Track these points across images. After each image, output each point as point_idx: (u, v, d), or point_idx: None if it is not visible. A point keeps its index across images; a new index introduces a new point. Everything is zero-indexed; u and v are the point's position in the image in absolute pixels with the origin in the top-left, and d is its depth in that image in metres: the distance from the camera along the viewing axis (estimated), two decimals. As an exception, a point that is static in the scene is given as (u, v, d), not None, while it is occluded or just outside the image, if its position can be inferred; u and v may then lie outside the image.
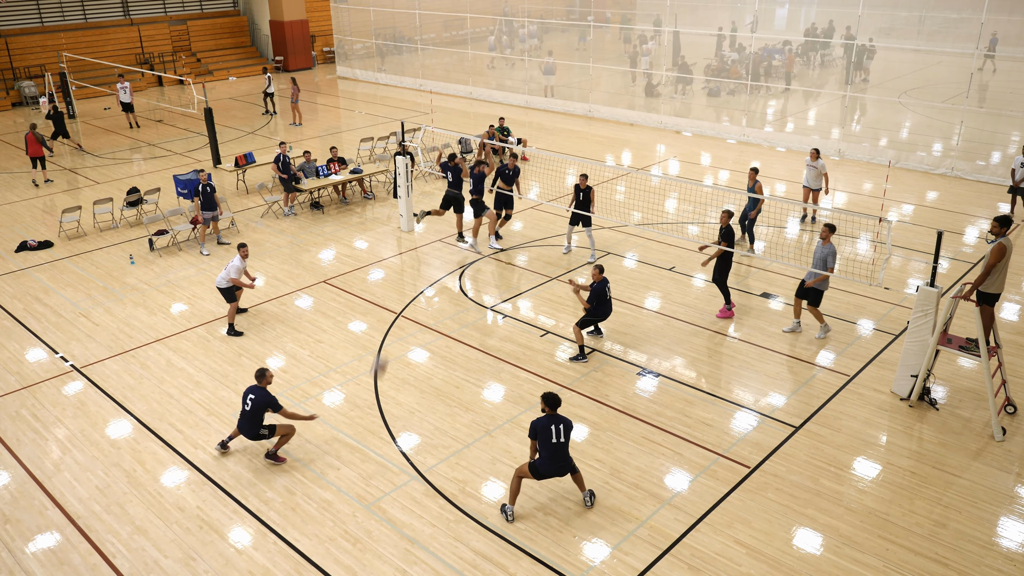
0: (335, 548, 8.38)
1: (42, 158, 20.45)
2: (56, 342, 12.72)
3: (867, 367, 11.61)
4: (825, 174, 16.56)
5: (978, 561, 8.10)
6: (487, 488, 9.23)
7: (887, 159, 21.45)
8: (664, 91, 29.41)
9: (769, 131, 24.78)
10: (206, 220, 16.06)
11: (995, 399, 10.04)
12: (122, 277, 15.09)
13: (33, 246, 16.42)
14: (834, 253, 11.84)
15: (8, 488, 9.40)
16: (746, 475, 9.39)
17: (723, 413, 10.59)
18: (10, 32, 31.23)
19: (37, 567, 8.23)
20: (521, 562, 8.16)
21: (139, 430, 10.44)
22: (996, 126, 24.19)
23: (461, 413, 10.67)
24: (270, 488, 9.29)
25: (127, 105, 26.69)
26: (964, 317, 12.55)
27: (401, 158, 16.47)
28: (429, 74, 33.95)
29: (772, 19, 38.18)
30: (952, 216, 17.58)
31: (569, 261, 15.39)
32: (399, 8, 34.60)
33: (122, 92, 26.51)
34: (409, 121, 24.90)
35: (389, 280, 14.94)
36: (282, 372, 11.73)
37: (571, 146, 23.31)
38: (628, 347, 12.27)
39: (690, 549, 8.30)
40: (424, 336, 12.68)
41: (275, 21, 36.67)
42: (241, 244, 12.73)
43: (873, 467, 9.51)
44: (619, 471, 9.47)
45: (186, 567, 8.17)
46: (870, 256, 15.50)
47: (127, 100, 26.58)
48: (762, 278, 14.49)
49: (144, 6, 34.94)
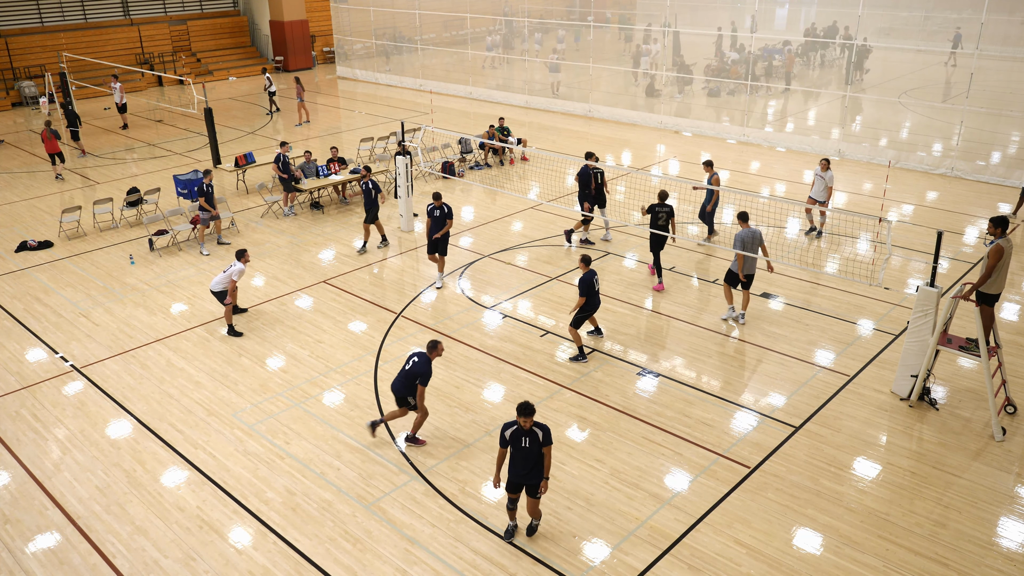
0: (335, 548, 8.38)
1: (60, 153, 20.90)
2: (56, 342, 12.72)
3: (867, 367, 11.61)
4: (831, 187, 15.93)
5: (978, 561, 8.10)
6: (487, 488, 9.22)
7: (887, 159, 21.46)
8: (664, 91, 29.41)
9: (769, 131, 24.78)
10: (204, 220, 16.06)
11: (995, 399, 10.04)
12: (122, 277, 15.09)
13: (33, 246, 16.43)
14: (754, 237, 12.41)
15: (8, 488, 9.40)
16: (746, 475, 9.39)
17: (723, 413, 10.59)
18: (10, 32, 31.23)
19: (37, 567, 8.23)
20: (521, 562, 8.16)
21: (139, 430, 10.44)
22: (996, 126, 24.19)
23: (461, 413, 10.67)
24: (270, 488, 9.29)
25: (119, 106, 26.72)
26: (964, 317, 12.55)
27: (401, 158, 16.48)
28: (429, 74, 33.95)
29: (772, 19, 38.17)
30: (952, 216, 17.58)
31: (573, 260, 15.39)
32: (399, 8, 34.61)
33: (116, 93, 26.58)
34: (409, 121, 24.90)
35: (389, 280, 14.94)
36: (282, 372, 11.73)
37: (571, 146, 23.31)
38: (628, 347, 12.27)
39: (690, 549, 8.30)
40: (424, 336, 12.68)
41: (275, 21, 36.67)
42: (242, 251, 12.68)
43: (873, 467, 9.51)
44: (619, 471, 9.47)
45: (186, 567, 8.17)
46: (870, 256, 15.50)
47: (119, 101, 26.61)
48: (762, 278, 14.49)
49: (144, 6, 34.94)
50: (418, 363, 9.47)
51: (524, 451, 7.91)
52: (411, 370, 9.50)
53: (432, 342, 9.53)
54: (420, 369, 9.44)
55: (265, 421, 10.56)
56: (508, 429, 7.93)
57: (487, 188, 19.79)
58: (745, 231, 12.35)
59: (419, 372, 9.44)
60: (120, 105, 26.70)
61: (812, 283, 14.32)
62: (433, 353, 9.51)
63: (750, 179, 20.54)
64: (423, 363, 9.45)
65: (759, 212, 17.62)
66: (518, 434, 7.89)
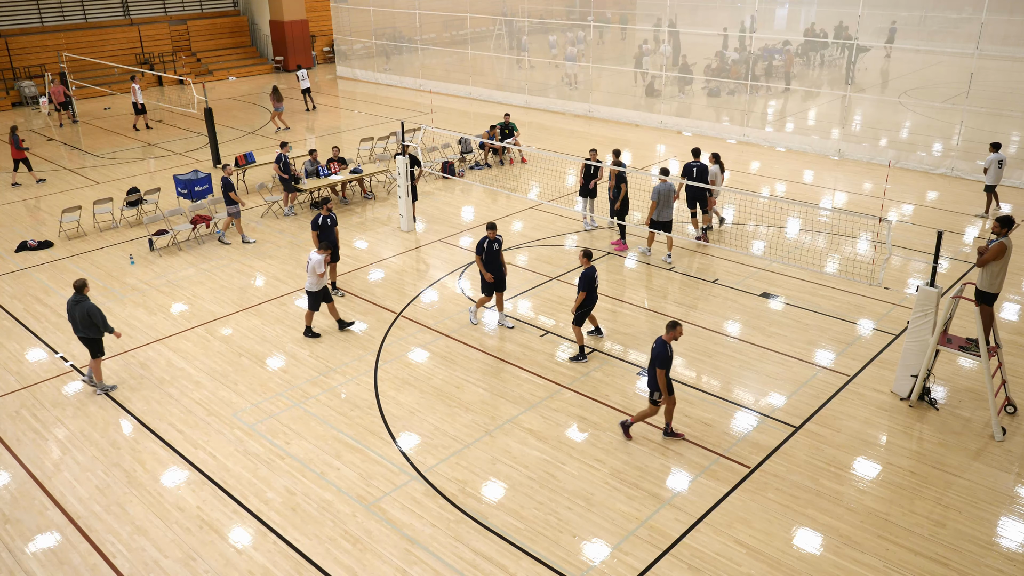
0: (335, 548, 8.38)
1: (25, 159, 20.49)
2: (56, 342, 12.72)
3: (867, 367, 11.61)
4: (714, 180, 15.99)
5: (978, 561, 8.10)
6: (487, 488, 9.23)
7: (887, 159, 21.45)
8: (665, 91, 29.41)
9: (769, 131, 24.78)
10: (234, 213, 16.27)
11: (995, 399, 10.04)
12: (122, 277, 15.09)
13: (33, 246, 16.43)
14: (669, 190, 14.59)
15: (8, 488, 9.40)
16: (746, 475, 9.39)
17: (723, 413, 10.59)
18: (10, 32, 31.23)
19: (37, 567, 8.23)
20: (521, 562, 8.16)
21: (139, 430, 10.44)
22: (996, 126, 24.17)
23: (461, 413, 10.67)
24: (270, 488, 9.29)
25: (138, 107, 26.32)
26: (964, 317, 12.55)
27: (401, 158, 16.48)
28: (429, 74, 33.95)
29: (772, 19, 38.14)
30: (952, 216, 17.58)
31: (572, 260, 15.40)
32: (399, 8, 34.60)
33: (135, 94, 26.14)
34: (409, 121, 24.89)
35: (389, 280, 14.94)
36: (282, 372, 11.73)
37: (571, 146, 23.30)
38: (628, 347, 12.27)
39: (690, 549, 8.30)
40: (424, 336, 12.68)
41: (275, 21, 36.68)
42: (323, 243, 12.23)
43: (873, 467, 9.51)
44: (619, 471, 9.47)
45: (186, 567, 8.17)
46: (870, 256, 15.50)
47: (137, 101, 26.17)
48: (762, 278, 14.49)
49: (144, 6, 34.95)
50: (655, 347, 9.25)
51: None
52: (651, 357, 9.30)
53: (671, 323, 9.32)
54: (656, 352, 9.23)
55: (265, 421, 10.56)
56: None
57: (487, 188, 19.79)
58: (661, 184, 14.53)
59: (655, 356, 9.23)
60: (139, 106, 26.21)
61: (812, 283, 14.32)
62: (670, 334, 9.22)
63: (750, 179, 20.54)
64: (658, 346, 9.21)
65: (759, 212, 17.64)
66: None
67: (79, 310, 10.70)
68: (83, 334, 10.92)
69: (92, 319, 10.72)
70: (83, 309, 10.68)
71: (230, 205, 16.14)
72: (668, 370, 9.33)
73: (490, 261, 12.34)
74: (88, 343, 10.99)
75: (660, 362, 9.23)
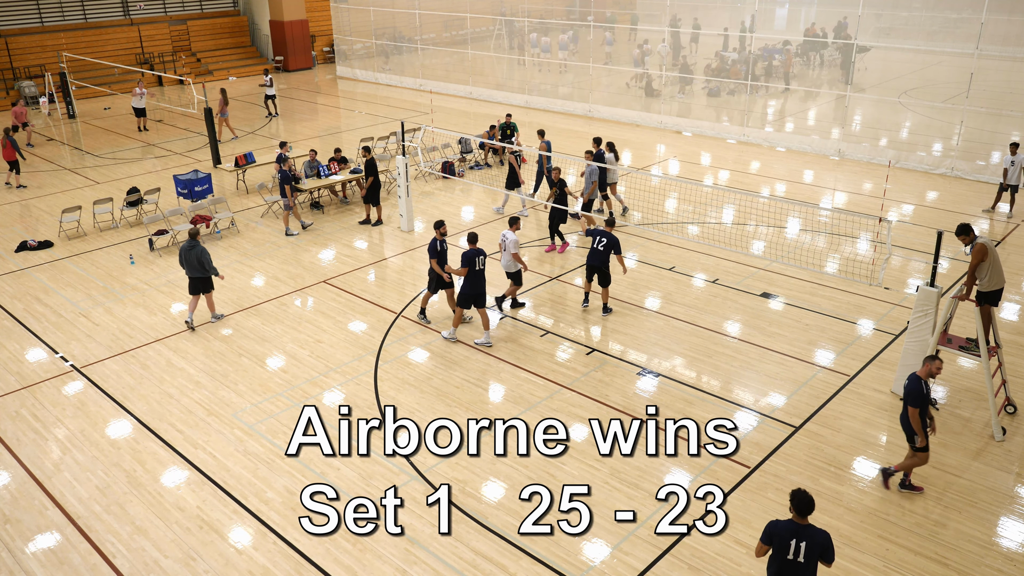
0: (335, 548, 8.38)
1: (15, 162, 20.28)
2: (56, 342, 12.72)
3: (867, 367, 11.61)
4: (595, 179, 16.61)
5: (978, 561, 8.10)
6: (487, 488, 9.22)
7: (887, 159, 21.45)
8: (665, 91, 29.40)
9: (769, 131, 24.78)
10: (288, 206, 16.72)
11: (995, 399, 10.05)
12: (122, 277, 15.09)
13: (33, 246, 16.43)
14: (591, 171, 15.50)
15: (8, 488, 9.40)
16: (746, 475, 9.39)
17: (723, 413, 10.59)
18: (10, 32, 31.23)
19: (37, 567, 8.23)
20: (521, 562, 8.16)
21: (139, 430, 10.44)
22: (996, 126, 24.17)
23: (461, 413, 10.66)
24: (270, 488, 9.29)
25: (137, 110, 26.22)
26: (964, 317, 12.55)
27: (401, 158, 16.48)
28: (429, 74, 33.95)
29: (772, 19, 38.13)
30: (952, 216, 17.57)
31: (565, 261, 15.40)
32: (399, 8, 34.60)
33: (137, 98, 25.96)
34: (409, 121, 24.89)
35: (389, 280, 14.94)
36: (282, 372, 11.73)
37: (571, 146, 23.28)
38: (628, 347, 12.27)
39: (690, 549, 8.30)
40: (424, 336, 12.68)
41: (275, 21, 36.67)
42: (514, 218, 12.92)
43: (873, 467, 9.51)
44: (619, 471, 9.47)
45: (186, 567, 8.17)
46: (870, 256, 15.50)
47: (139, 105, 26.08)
48: (762, 278, 14.49)
49: (144, 6, 34.93)
50: (907, 385, 8.43)
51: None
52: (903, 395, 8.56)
53: (928, 356, 8.66)
54: (908, 389, 8.36)
55: (265, 421, 10.56)
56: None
57: (487, 188, 19.78)
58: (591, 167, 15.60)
59: (908, 393, 8.37)
60: (138, 109, 25.99)
61: (812, 283, 14.32)
62: (925, 368, 8.43)
63: (750, 179, 20.54)
64: (911, 383, 8.35)
65: (759, 212, 17.64)
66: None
67: (193, 254, 12.41)
68: (195, 275, 12.63)
69: (203, 263, 12.45)
70: (196, 253, 12.41)
71: (284, 197, 16.64)
72: (924, 410, 8.44)
73: (475, 278, 11.92)
74: (200, 282, 12.73)
75: (912, 400, 8.39)
